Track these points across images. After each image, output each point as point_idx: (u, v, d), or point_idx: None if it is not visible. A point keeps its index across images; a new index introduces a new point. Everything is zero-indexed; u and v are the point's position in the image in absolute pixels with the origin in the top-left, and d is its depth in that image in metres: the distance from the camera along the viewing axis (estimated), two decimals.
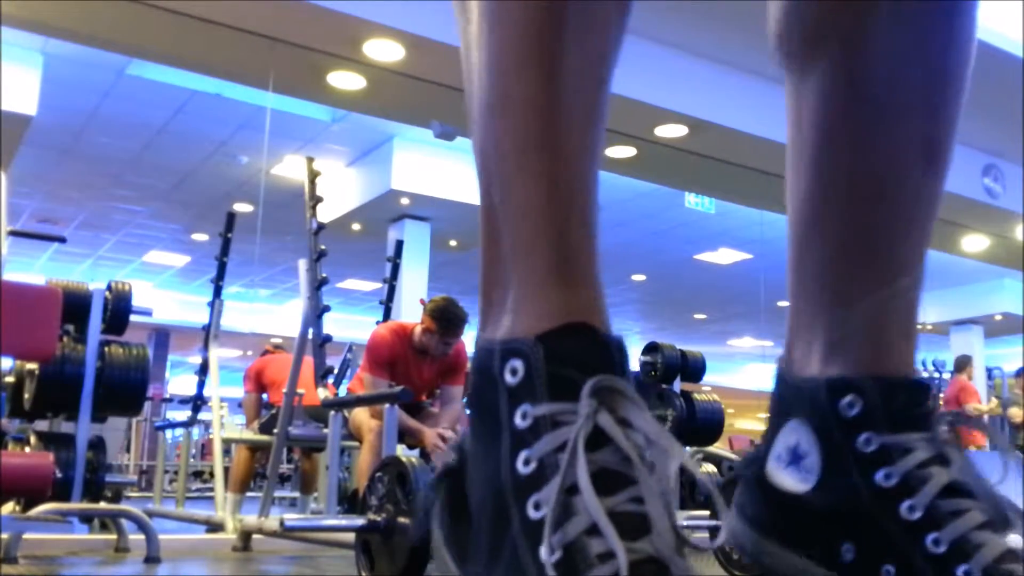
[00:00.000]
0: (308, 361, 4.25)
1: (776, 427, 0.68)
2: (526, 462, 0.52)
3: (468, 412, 0.59)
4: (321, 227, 4.34)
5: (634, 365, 5.97)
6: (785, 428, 0.67)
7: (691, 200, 10.15)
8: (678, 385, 5.68)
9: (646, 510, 0.50)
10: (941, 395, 10.84)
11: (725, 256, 12.41)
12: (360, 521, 2.86)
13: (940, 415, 0.63)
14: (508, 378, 0.54)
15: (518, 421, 0.53)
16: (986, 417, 9.53)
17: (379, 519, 2.80)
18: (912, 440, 0.61)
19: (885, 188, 0.67)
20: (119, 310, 4.55)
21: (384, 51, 5.87)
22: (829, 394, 0.64)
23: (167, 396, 12.32)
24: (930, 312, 13.32)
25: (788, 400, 0.68)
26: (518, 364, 0.53)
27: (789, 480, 0.66)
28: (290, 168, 8.90)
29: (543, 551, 0.49)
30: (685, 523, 4.81)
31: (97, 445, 4.22)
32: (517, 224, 0.56)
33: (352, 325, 11.65)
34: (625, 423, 0.51)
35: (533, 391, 0.53)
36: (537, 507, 0.51)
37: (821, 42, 0.68)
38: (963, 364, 9.75)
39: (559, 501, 0.49)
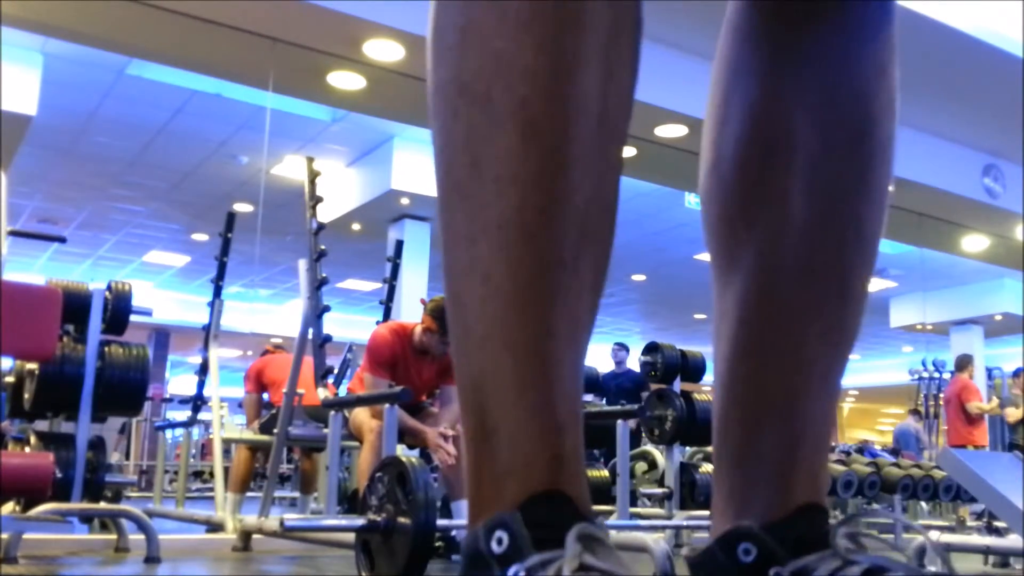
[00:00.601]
0: (308, 361, 4.25)
1: None
2: None
3: None
4: (321, 227, 4.34)
5: (634, 365, 5.97)
6: None
7: (691, 200, 10.15)
8: (678, 385, 5.68)
9: None
10: (940, 395, 10.85)
11: None
12: (360, 521, 2.86)
13: (836, 529, 0.64)
14: (495, 548, 0.56)
15: None
16: (987, 416, 9.53)
17: (379, 519, 2.80)
18: (815, 559, 0.63)
19: (788, 358, 0.71)
20: (119, 310, 4.55)
21: (384, 51, 5.87)
22: (723, 549, 0.67)
23: (167, 396, 12.32)
24: (930, 312, 13.32)
25: (699, 568, 0.70)
26: (503, 534, 0.56)
27: None
28: (290, 168, 8.90)
29: None
30: (685, 523, 4.80)
31: (97, 445, 4.22)
32: (512, 438, 0.59)
33: (352, 325, 11.64)
34: (607, 564, 0.54)
35: (520, 551, 0.55)
36: None
37: (742, 227, 0.73)
38: (964, 363, 9.75)
39: None
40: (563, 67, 0.57)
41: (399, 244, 8.18)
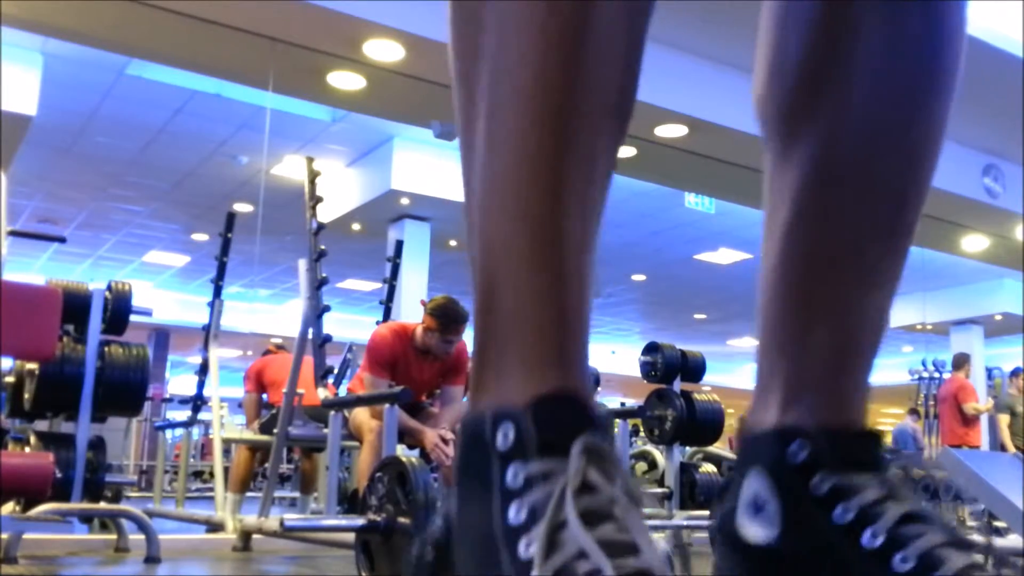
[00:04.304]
0: (308, 361, 4.25)
1: (740, 480, 0.70)
2: (517, 512, 0.54)
3: (455, 482, 0.61)
4: (321, 227, 4.34)
5: (634, 365, 5.97)
6: (746, 480, 0.69)
7: (691, 200, 10.15)
8: (678, 385, 5.68)
9: (632, 537, 0.52)
10: (935, 394, 10.84)
11: (725, 256, 12.41)
12: (360, 521, 2.86)
13: (890, 460, 0.65)
14: (500, 442, 0.56)
15: (509, 480, 0.55)
16: (984, 416, 9.52)
17: (379, 519, 2.80)
18: (863, 479, 0.64)
19: (844, 261, 0.71)
20: (119, 310, 4.55)
21: (384, 51, 5.87)
22: (779, 442, 0.67)
23: (167, 396, 12.31)
24: (930, 312, 13.32)
25: (748, 452, 0.71)
26: (509, 428, 0.56)
27: (755, 531, 0.68)
28: (290, 168, 8.90)
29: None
30: (685, 523, 4.81)
31: (97, 445, 4.23)
32: (518, 314, 0.59)
33: (352, 325, 11.65)
34: (609, 478, 0.54)
35: (525, 452, 0.55)
36: (528, 546, 0.53)
37: (801, 123, 0.72)
38: (961, 362, 9.74)
39: (548, 535, 0.52)
40: None
41: (399, 244, 8.19)
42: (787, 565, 0.65)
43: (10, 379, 4.33)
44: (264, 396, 6.03)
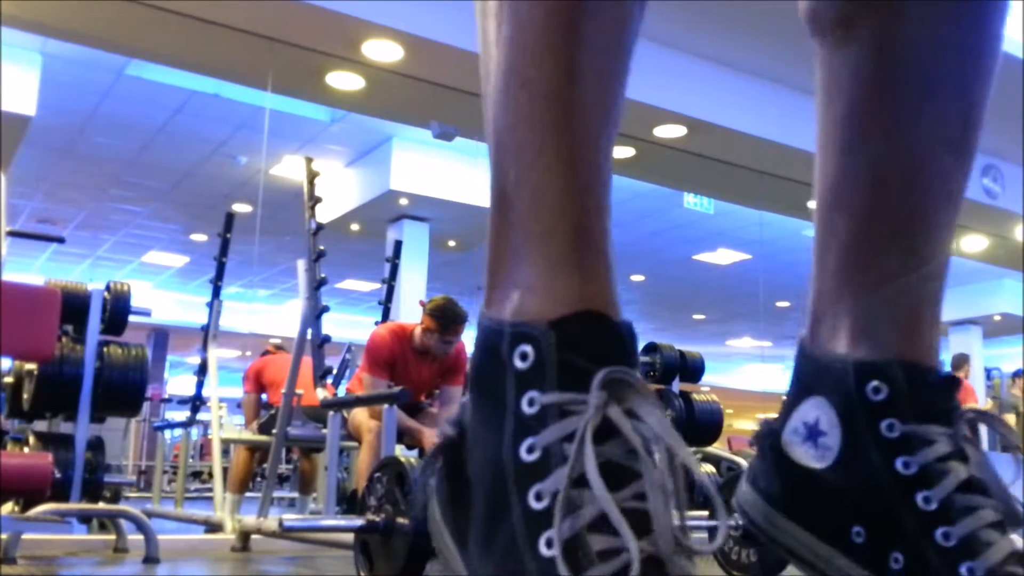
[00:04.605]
0: (307, 361, 4.24)
1: (795, 401, 0.68)
2: (530, 450, 0.51)
3: (470, 389, 0.58)
4: (320, 227, 4.34)
5: None
6: (805, 403, 0.67)
7: (690, 200, 10.15)
8: (677, 385, 5.67)
9: (648, 507, 0.49)
10: None
11: (724, 256, 12.41)
12: (359, 521, 2.86)
13: (962, 413, 0.62)
14: (517, 362, 0.53)
15: (524, 407, 0.52)
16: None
17: (378, 519, 2.80)
18: (934, 432, 0.61)
19: (914, 173, 0.66)
20: (118, 310, 4.55)
21: (384, 51, 5.87)
22: (856, 376, 0.64)
23: (166, 396, 12.30)
24: None
25: (811, 376, 0.68)
26: (528, 349, 0.53)
27: (806, 455, 0.66)
28: (289, 168, 8.90)
29: (542, 544, 0.49)
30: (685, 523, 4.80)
31: (96, 445, 4.22)
32: (533, 209, 0.55)
33: (351, 325, 11.65)
34: (633, 415, 0.51)
35: (543, 378, 0.52)
36: (539, 497, 0.50)
37: (856, 18, 0.67)
38: (960, 362, 9.75)
39: (567, 494, 0.49)
40: None
41: (398, 244, 8.18)
42: (829, 497, 0.64)
43: (9, 379, 4.33)
44: (263, 396, 6.03)
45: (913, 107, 0.66)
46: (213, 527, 4.83)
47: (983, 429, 0.64)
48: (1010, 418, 9.22)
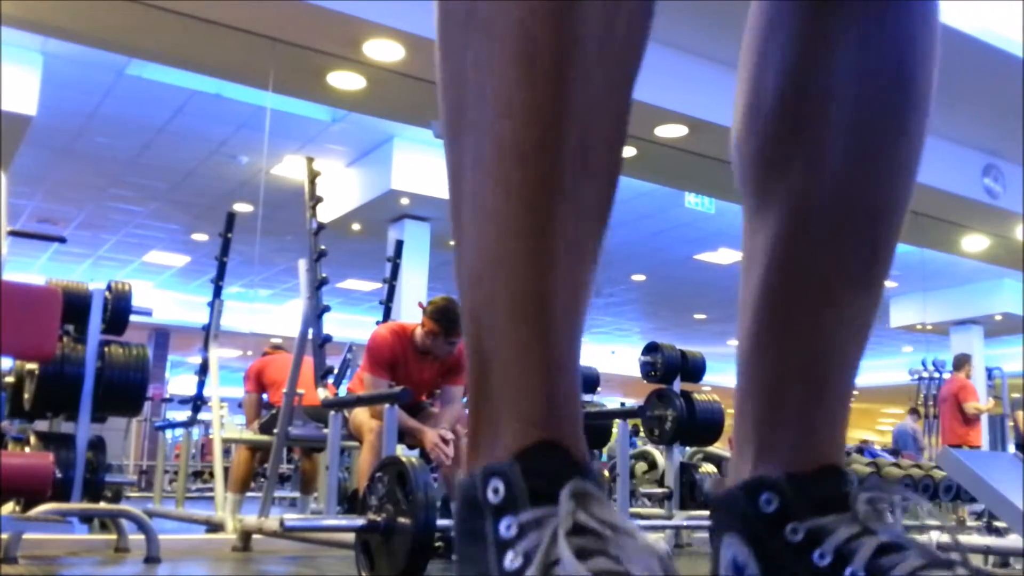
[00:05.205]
0: (308, 361, 4.25)
1: (717, 547, 0.70)
2: (512, 559, 0.55)
3: (456, 549, 0.61)
4: (321, 227, 4.34)
5: (634, 365, 5.96)
6: (722, 544, 0.69)
7: (691, 200, 10.15)
8: (678, 385, 5.67)
9: (626, 569, 0.52)
10: (935, 394, 10.84)
11: (725, 256, 12.41)
12: (360, 521, 2.86)
13: (858, 492, 0.65)
14: (491, 497, 0.57)
15: (503, 532, 0.56)
16: (985, 416, 9.53)
17: (379, 519, 2.80)
18: (834, 520, 0.64)
19: (823, 320, 0.71)
20: (119, 310, 4.55)
21: (384, 51, 5.87)
22: (747, 495, 0.67)
23: (167, 396, 12.30)
24: (930, 312, 13.32)
25: (720, 516, 0.71)
26: (499, 483, 0.56)
27: None
28: (290, 168, 8.90)
29: None
30: (685, 523, 4.80)
31: (97, 445, 4.23)
32: (507, 373, 0.59)
33: (352, 325, 11.64)
34: (600, 520, 0.54)
35: (515, 503, 0.56)
36: None
37: (777, 166, 0.72)
38: (962, 362, 9.75)
39: (542, 571, 0.52)
40: None
41: (399, 244, 8.18)
42: None
43: (10, 379, 4.33)
44: (264, 396, 6.03)
45: (822, 252, 0.71)
46: (214, 527, 4.83)
47: (984, 430, 0.64)
48: (1020, 415, 9.24)
